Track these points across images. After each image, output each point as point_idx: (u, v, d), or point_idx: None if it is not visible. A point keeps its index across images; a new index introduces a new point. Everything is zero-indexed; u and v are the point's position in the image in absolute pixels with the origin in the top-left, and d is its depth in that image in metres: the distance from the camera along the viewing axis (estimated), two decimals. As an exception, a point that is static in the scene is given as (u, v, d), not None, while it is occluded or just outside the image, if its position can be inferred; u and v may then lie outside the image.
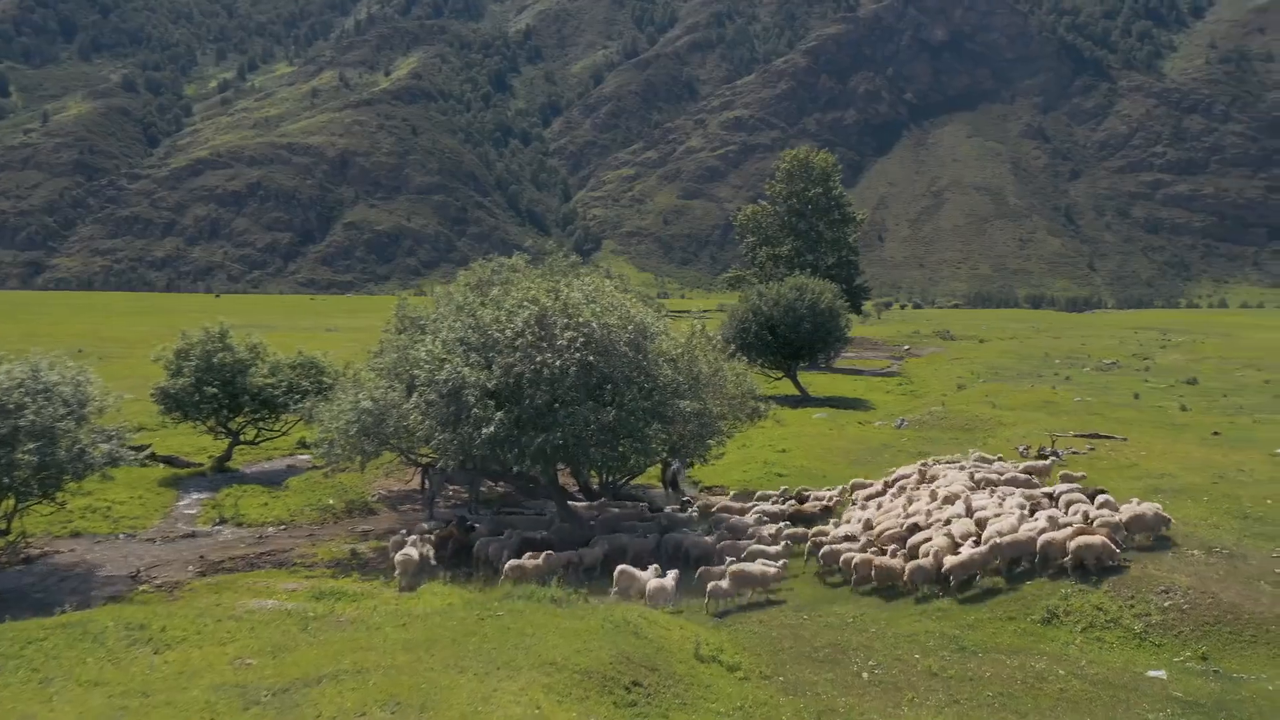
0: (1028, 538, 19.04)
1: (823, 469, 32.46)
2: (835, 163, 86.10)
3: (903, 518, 22.47)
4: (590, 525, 23.95)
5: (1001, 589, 18.58)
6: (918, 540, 20.42)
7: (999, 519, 20.38)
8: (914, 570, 19.03)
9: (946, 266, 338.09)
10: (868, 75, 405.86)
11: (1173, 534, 19.67)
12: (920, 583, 18.93)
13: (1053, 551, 18.66)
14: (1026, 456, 29.93)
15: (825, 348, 58.42)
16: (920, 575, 18.97)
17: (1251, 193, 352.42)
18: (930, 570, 18.96)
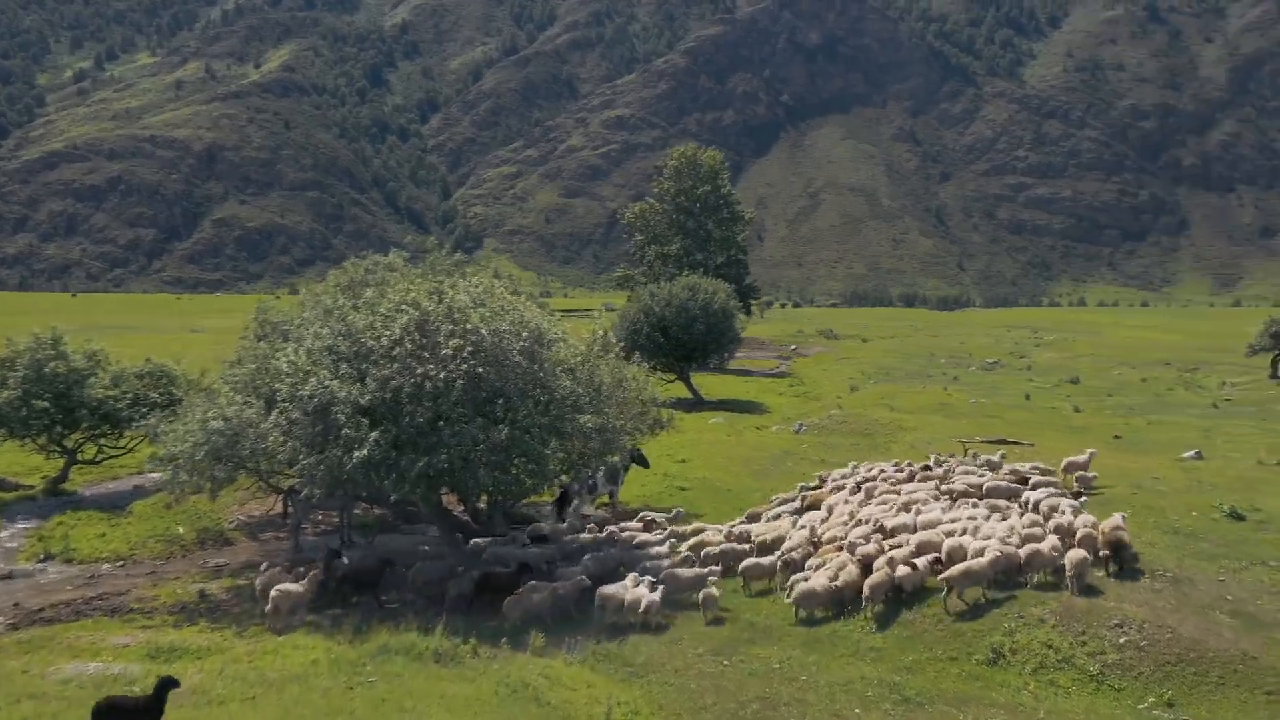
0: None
1: (726, 481, 30.59)
2: (723, 161, 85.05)
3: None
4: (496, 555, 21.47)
5: (935, 621, 16.87)
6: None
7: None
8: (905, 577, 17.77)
9: (823, 266, 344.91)
10: (746, 77, 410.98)
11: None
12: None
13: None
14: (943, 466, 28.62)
15: (719, 349, 56.91)
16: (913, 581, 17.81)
17: (1105, 196, 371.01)
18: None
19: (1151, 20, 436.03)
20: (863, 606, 17.58)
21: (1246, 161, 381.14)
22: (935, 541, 18.88)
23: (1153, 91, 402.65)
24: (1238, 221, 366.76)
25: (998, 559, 17.44)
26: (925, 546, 18.82)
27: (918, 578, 17.83)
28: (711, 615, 18.01)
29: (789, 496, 26.03)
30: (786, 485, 29.69)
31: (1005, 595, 17.12)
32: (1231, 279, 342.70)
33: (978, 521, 19.82)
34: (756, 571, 19.84)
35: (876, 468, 26.66)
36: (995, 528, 19.27)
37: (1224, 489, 23.83)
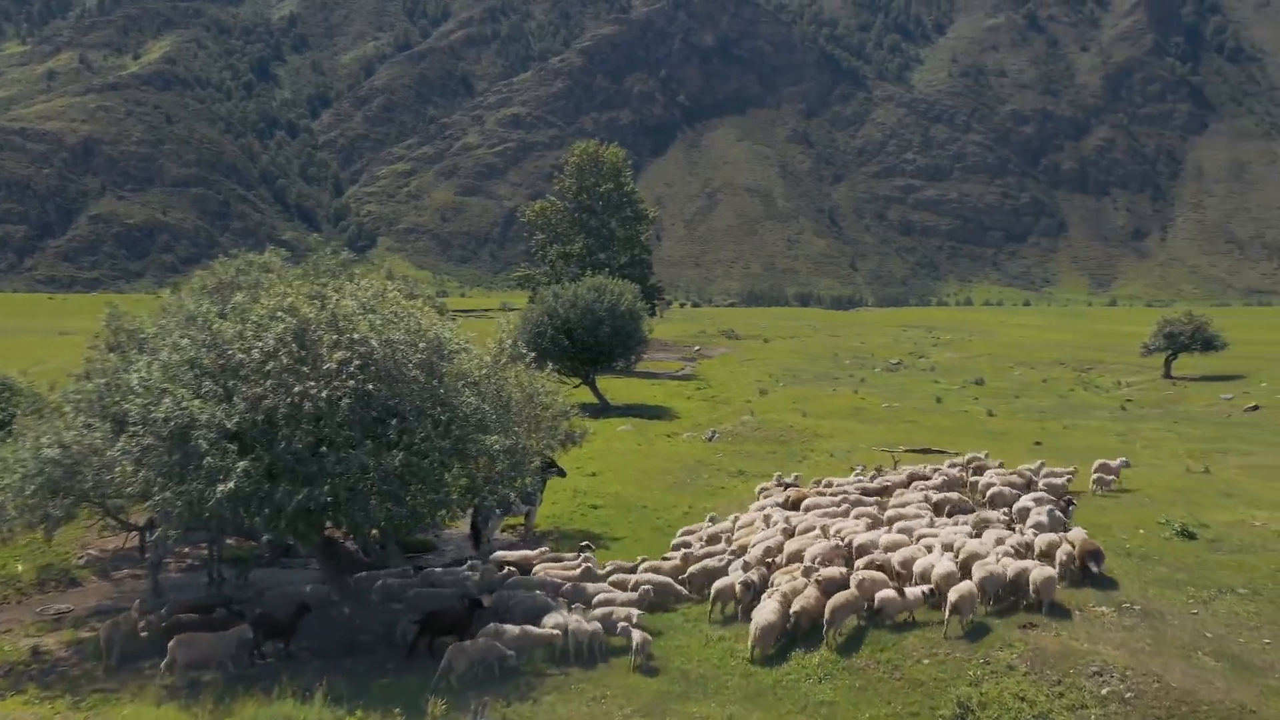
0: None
1: (640, 496, 28.49)
2: (625, 158, 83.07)
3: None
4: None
5: (890, 670, 15.04)
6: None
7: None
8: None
9: (721, 266, 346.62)
10: (642, 77, 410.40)
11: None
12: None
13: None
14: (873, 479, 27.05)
15: (626, 352, 54.77)
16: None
17: (990, 198, 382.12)
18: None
19: (1031, 28, 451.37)
20: (824, 631, 15.98)
21: (1120, 166, 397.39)
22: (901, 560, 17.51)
23: (1033, 97, 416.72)
24: (1112, 224, 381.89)
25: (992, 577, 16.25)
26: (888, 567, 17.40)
27: (901, 605, 16.27)
28: (640, 662, 15.88)
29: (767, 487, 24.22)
30: (705, 499, 27.88)
31: (964, 636, 15.37)
32: (1107, 279, 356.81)
33: (961, 538, 18.37)
34: (730, 594, 18.22)
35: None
36: (983, 544, 17.95)
37: (1163, 502, 22.79)
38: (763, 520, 22.20)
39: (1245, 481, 26.30)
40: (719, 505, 26.33)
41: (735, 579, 18.25)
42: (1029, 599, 16.41)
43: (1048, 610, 16.09)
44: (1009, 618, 15.87)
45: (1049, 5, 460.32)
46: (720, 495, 28.09)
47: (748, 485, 29.23)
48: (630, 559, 20.54)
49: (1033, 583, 16.39)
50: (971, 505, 23.08)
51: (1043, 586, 16.26)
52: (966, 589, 16.06)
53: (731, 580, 18.28)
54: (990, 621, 15.73)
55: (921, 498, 22.78)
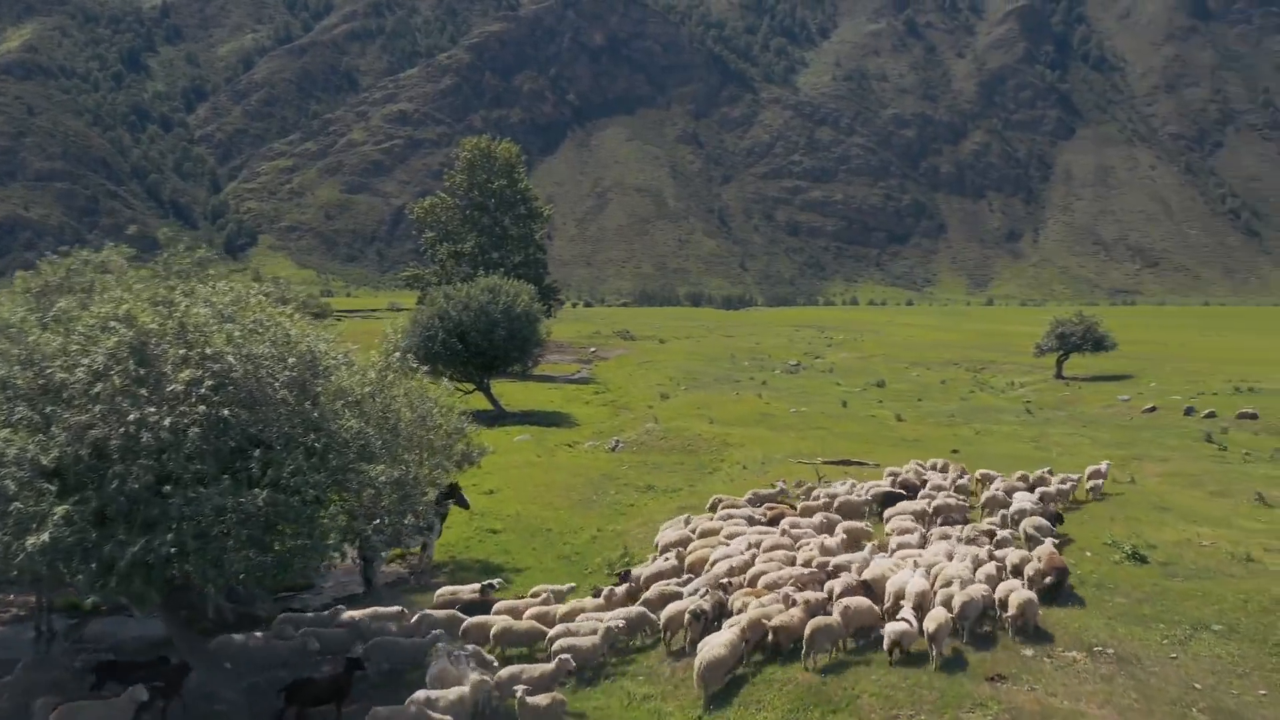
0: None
1: (543, 516, 26.14)
2: (519, 153, 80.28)
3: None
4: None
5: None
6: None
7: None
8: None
9: (612, 265, 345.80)
10: (531, 75, 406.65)
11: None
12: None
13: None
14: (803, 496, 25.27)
15: (523, 356, 52.22)
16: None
17: (873, 200, 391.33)
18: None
19: (910, 34, 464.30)
20: (803, 655, 14.57)
21: (994, 170, 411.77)
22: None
23: (913, 102, 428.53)
24: (988, 226, 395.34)
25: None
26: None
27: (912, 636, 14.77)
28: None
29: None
30: (612, 518, 25.72)
31: (930, 692, 13.52)
32: (984, 279, 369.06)
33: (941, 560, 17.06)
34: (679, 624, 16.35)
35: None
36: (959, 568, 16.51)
37: (1101, 518, 21.59)
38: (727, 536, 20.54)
39: (1173, 492, 25.51)
40: (630, 527, 24.19)
41: (686, 604, 16.37)
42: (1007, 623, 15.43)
43: (1020, 635, 14.95)
44: (972, 668, 14.12)
45: (927, 12, 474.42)
46: (630, 515, 25.91)
47: (658, 502, 27.21)
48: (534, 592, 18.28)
49: (1013, 606, 15.28)
50: (964, 515, 22.15)
51: (1025, 610, 15.21)
52: (944, 617, 14.70)
53: (682, 607, 16.33)
54: (955, 674, 13.95)
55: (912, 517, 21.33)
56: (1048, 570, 16.84)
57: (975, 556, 17.46)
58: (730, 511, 21.87)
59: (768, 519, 21.72)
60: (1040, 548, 17.86)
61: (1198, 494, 25.43)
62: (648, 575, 18.35)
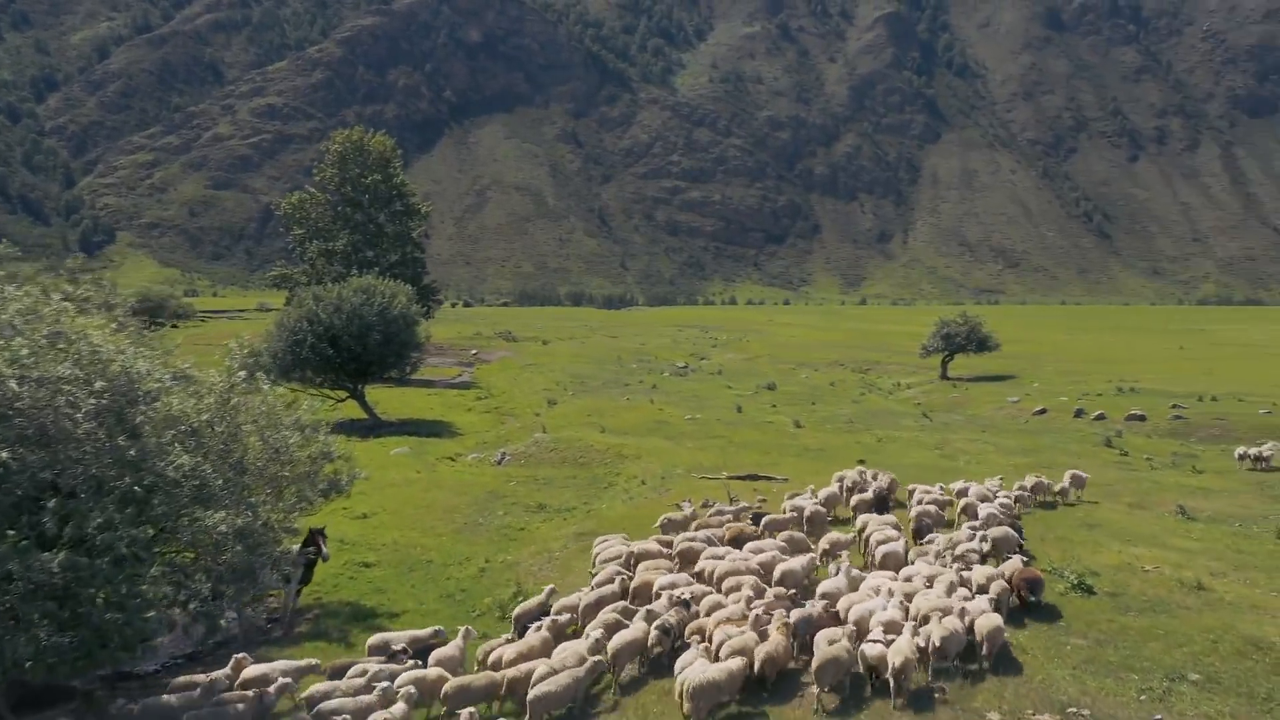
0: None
1: (424, 544, 23.39)
2: (395, 147, 76.31)
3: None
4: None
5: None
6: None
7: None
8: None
9: (492, 265, 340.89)
10: (406, 70, 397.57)
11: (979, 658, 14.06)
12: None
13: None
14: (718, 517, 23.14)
15: (400, 361, 48.83)
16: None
17: (750, 201, 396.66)
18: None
19: (784, 38, 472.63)
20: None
21: (866, 172, 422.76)
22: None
23: (787, 104, 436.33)
24: (860, 227, 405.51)
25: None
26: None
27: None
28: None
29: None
30: (501, 545, 23.23)
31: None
32: (857, 279, 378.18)
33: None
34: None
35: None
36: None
37: (1032, 538, 20.01)
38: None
39: (1095, 506, 24.50)
40: (522, 557, 21.69)
41: (636, 633, 14.36)
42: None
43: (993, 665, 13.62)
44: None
45: (800, 16, 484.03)
46: (521, 540, 23.38)
47: (551, 525, 24.79)
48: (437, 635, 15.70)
49: (980, 633, 14.05)
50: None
51: (992, 638, 13.98)
52: (909, 651, 13.18)
53: (635, 634, 14.24)
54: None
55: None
56: (1018, 585, 15.88)
57: (951, 582, 16.05)
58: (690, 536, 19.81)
59: (727, 539, 19.85)
60: (1007, 564, 16.73)
61: (1118, 507, 24.55)
62: (587, 604, 16.13)
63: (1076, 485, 25.14)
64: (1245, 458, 31.83)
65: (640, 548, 18.94)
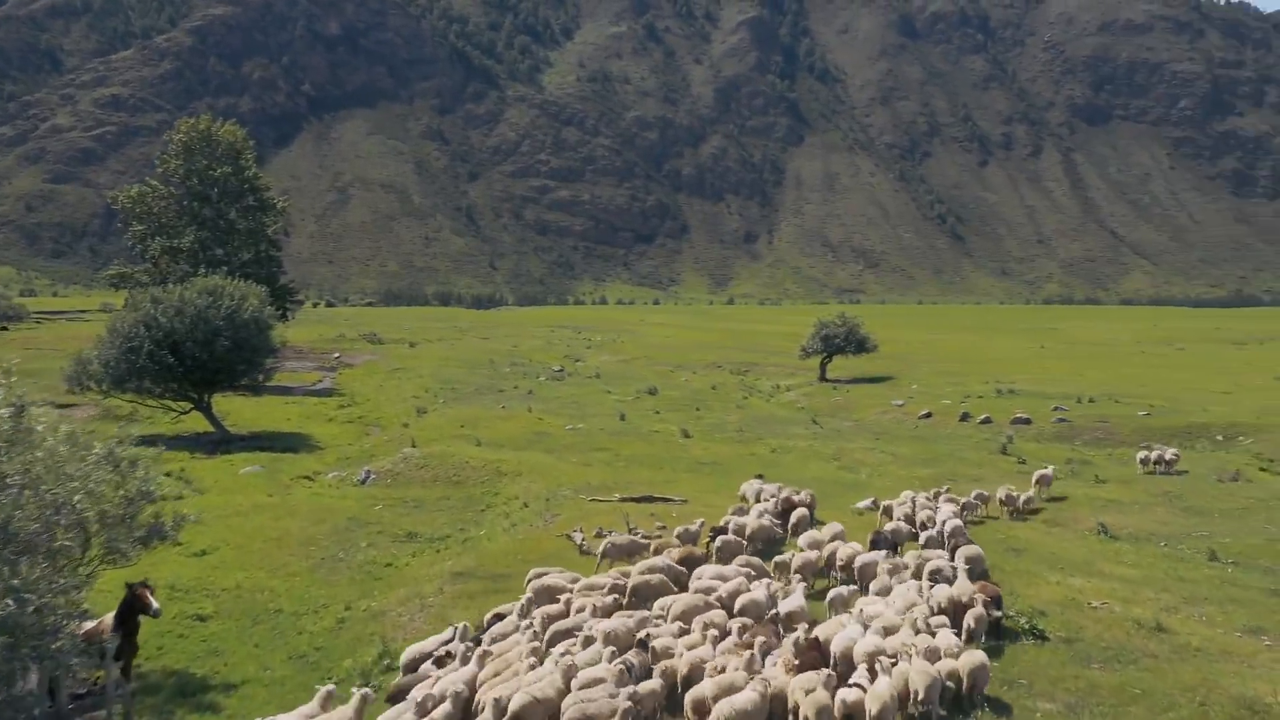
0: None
1: (272, 588, 20.11)
2: (246, 137, 71.00)
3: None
4: None
5: None
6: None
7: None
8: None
9: (356, 264, 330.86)
10: (262, 63, 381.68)
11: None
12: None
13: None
14: (610, 548, 20.62)
15: (251, 369, 44.59)
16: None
17: (619, 200, 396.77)
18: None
19: (650, 39, 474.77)
20: None
21: (732, 174, 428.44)
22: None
23: (655, 105, 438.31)
24: (727, 227, 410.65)
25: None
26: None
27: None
28: None
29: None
30: (364, 586, 20.26)
31: None
32: (725, 279, 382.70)
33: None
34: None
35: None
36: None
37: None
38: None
39: (1012, 526, 23.10)
40: (389, 605, 18.68)
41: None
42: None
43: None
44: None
45: (666, 18, 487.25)
46: (388, 580, 20.30)
47: (422, 559, 21.84)
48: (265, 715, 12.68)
49: (963, 674, 12.66)
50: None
51: (977, 678, 12.70)
52: (887, 697, 11.49)
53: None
54: None
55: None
56: (989, 599, 14.73)
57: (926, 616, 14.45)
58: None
59: (675, 560, 17.78)
60: (972, 588, 15.23)
61: (1035, 524, 23.33)
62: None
63: (1044, 485, 24.76)
64: (1148, 461, 31.83)
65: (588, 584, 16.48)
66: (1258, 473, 32.74)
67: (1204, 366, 73.81)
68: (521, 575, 17.56)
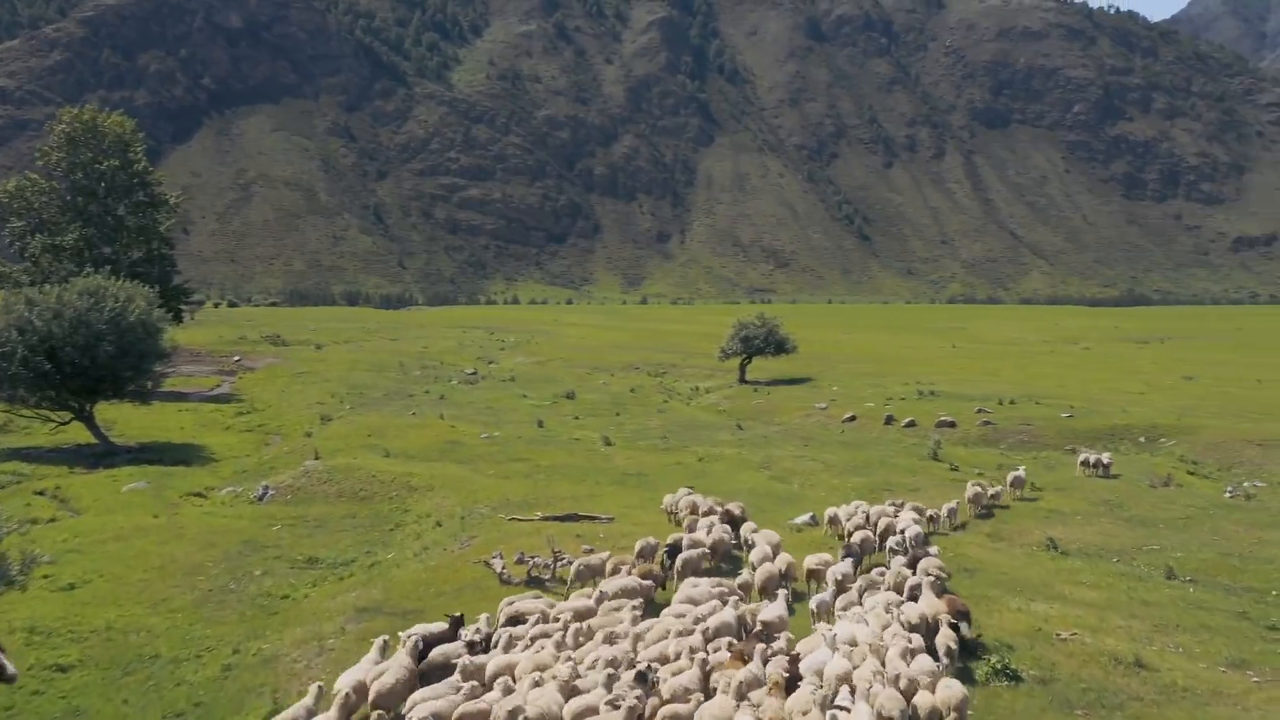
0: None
1: (149, 628, 17.73)
2: (135, 129, 66.78)
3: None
4: None
5: None
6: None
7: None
8: None
9: (260, 262, 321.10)
10: (159, 55, 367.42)
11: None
12: None
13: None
14: (534, 570, 18.67)
15: (138, 375, 41.38)
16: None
17: (531, 199, 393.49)
18: None
19: (560, 38, 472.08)
20: None
21: (644, 173, 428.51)
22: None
23: (566, 104, 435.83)
24: (640, 227, 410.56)
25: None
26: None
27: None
28: None
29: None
30: (257, 624, 18.00)
31: None
32: (638, 278, 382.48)
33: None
34: None
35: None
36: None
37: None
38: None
39: (960, 543, 21.82)
40: (284, 647, 16.54)
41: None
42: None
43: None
44: None
45: (576, 17, 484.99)
46: (284, 616, 18.06)
47: (324, 590, 19.63)
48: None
49: (945, 709, 11.47)
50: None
51: (959, 709, 11.58)
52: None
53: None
54: None
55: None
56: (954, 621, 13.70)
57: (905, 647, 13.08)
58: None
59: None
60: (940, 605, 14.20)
61: (978, 539, 22.22)
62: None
63: (1016, 486, 24.24)
64: (1087, 464, 31.57)
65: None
66: (1186, 476, 32.58)
67: (1114, 366, 75.10)
68: (435, 610, 15.69)
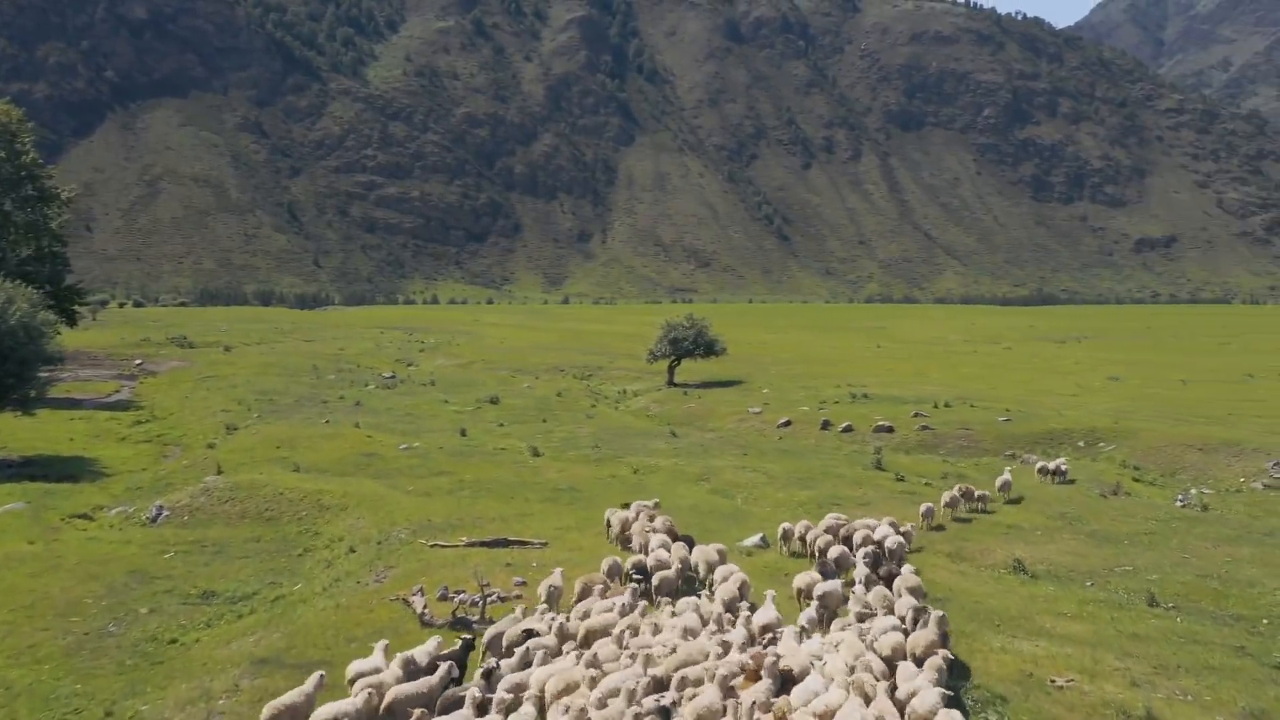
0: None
1: (7, 677, 15.38)
2: (24, 119, 62.45)
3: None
4: None
5: None
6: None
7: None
8: None
9: (168, 261, 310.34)
10: (59, 46, 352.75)
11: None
12: None
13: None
14: (460, 609, 16.49)
15: (21, 383, 37.99)
16: None
17: (450, 198, 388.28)
18: None
19: (479, 34, 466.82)
20: None
21: (564, 172, 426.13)
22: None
23: (485, 102, 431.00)
24: (561, 226, 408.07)
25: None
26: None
27: None
28: None
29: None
30: (136, 677, 15.57)
31: None
32: (559, 278, 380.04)
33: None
34: None
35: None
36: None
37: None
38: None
39: (923, 565, 20.33)
40: (165, 705, 14.11)
41: None
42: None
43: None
44: None
45: (494, 14, 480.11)
46: (168, 668, 15.47)
47: (216, 633, 17.21)
48: None
49: None
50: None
51: None
52: None
53: None
54: None
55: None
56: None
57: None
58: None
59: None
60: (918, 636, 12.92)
61: (941, 560, 20.79)
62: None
63: (1005, 490, 24.45)
64: (1045, 472, 31.13)
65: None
66: (1132, 483, 32.03)
67: (1037, 366, 75.60)
68: (343, 659, 13.59)
